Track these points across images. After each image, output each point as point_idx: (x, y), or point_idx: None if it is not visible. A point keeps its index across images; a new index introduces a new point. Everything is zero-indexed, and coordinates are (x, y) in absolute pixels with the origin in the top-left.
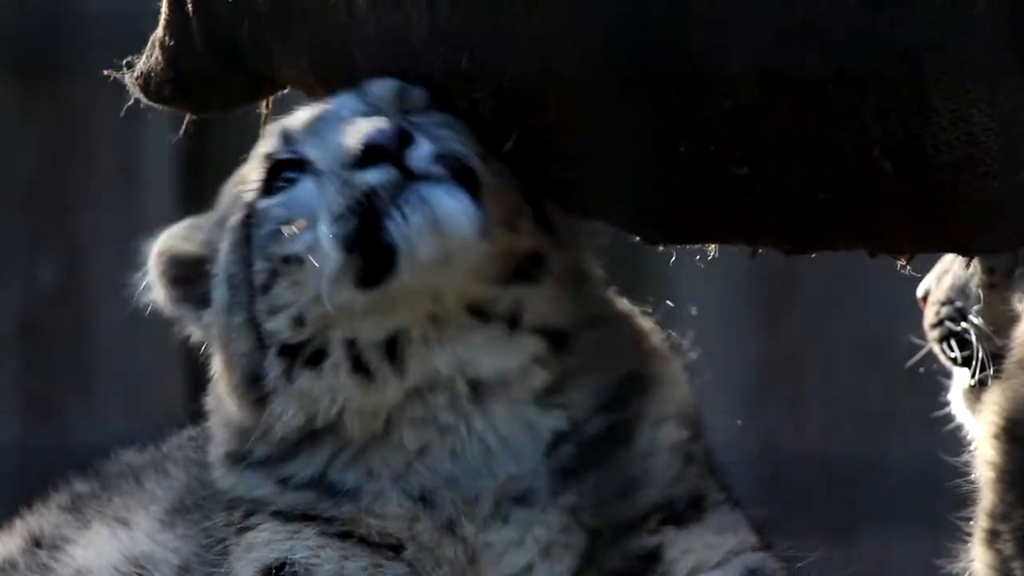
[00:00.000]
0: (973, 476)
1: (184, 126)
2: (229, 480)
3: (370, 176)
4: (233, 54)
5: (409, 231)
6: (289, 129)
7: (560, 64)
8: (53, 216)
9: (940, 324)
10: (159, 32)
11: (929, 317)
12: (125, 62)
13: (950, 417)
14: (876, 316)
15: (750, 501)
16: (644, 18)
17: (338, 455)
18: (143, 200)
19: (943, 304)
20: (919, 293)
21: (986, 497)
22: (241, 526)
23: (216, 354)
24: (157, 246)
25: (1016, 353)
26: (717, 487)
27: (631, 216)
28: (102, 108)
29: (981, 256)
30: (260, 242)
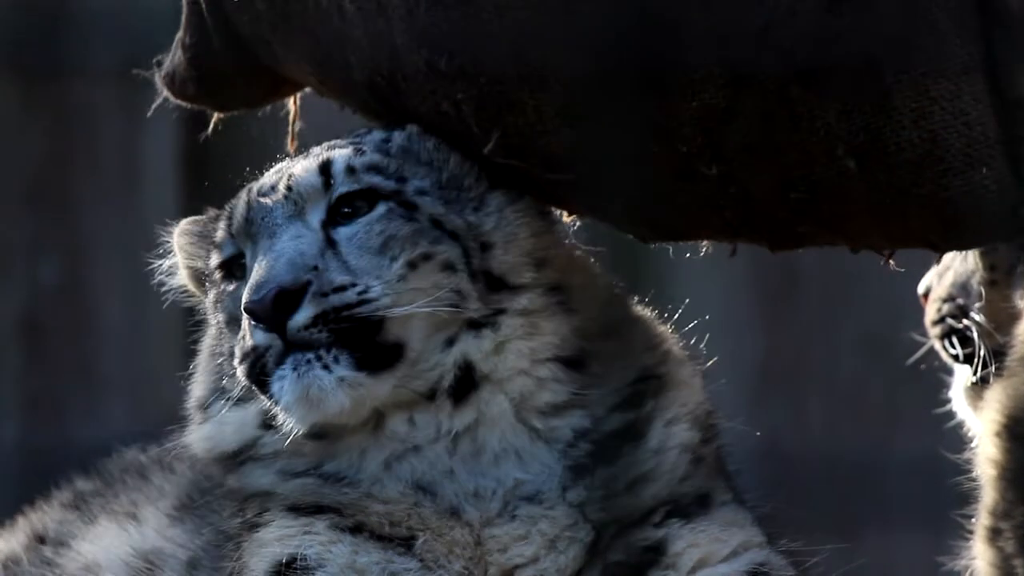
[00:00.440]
0: (975, 473)
1: (186, 124)
2: (236, 475)
3: (257, 336)
4: (248, 53)
5: (283, 397)
6: (235, 232)
7: (533, 66)
8: (54, 215)
9: (941, 321)
10: (180, 31)
11: (930, 314)
12: (155, 60)
13: (951, 414)
14: (877, 313)
15: (755, 500)
16: (610, 21)
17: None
18: (144, 199)
19: (944, 301)
20: (920, 290)
21: (988, 494)
22: (253, 522)
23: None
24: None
25: (1018, 350)
26: (725, 487)
27: (622, 216)
28: (103, 107)
29: (982, 253)
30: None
